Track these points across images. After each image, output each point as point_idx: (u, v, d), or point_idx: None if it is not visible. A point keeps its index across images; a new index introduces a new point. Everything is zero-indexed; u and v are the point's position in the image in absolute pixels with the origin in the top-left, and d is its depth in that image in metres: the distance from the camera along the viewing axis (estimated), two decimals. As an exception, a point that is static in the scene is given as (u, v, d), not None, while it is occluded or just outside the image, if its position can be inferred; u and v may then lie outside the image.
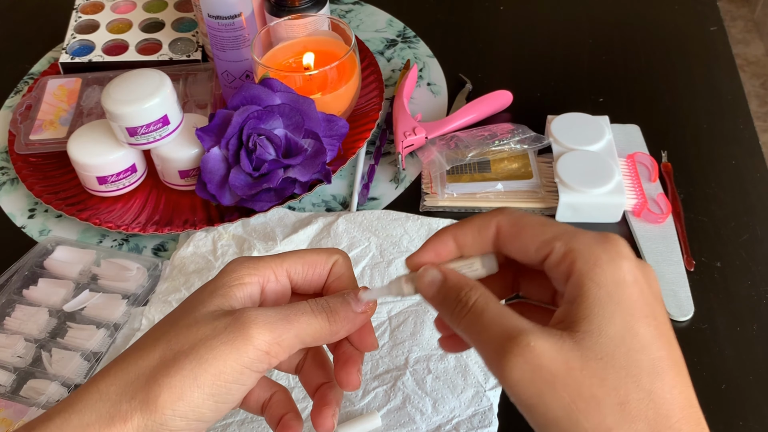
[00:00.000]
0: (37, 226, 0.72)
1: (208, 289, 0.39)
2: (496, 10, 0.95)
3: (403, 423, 0.55)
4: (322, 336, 0.39)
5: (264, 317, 0.37)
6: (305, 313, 0.38)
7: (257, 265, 0.40)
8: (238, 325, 0.36)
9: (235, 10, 0.72)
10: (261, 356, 0.36)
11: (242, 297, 0.39)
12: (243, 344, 0.36)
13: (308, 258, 0.42)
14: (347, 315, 0.39)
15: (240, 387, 0.36)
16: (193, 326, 0.37)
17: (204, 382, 0.35)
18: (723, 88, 0.82)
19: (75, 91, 0.81)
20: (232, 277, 0.39)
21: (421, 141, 0.74)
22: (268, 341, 0.36)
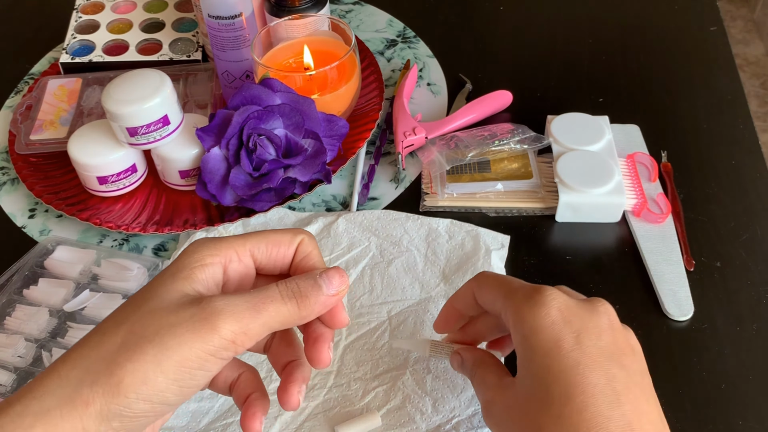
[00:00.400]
0: (38, 226, 0.72)
1: (170, 272, 0.39)
2: (496, 10, 0.96)
3: (403, 423, 0.55)
4: (291, 322, 0.38)
5: (231, 308, 0.36)
6: (274, 300, 0.37)
7: (219, 246, 0.40)
8: (204, 315, 0.36)
9: (235, 11, 0.72)
10: (227, 345, 0.36)
11: (204, 278, 0.38)
12: (208, 333, 0.35)
13: (272, 237, 0.41)
14: (318, 299, 0.39)
15: (205, 373, 0.36)
16: (156, 312, 0.36)
17: (168, 368, 0.35)
18: (723, 88, 0.82)
19: (75, 91, 0.81)
20: (194, 258, 0.39)
21: (421, 141, 0.74)
22: (235, 331, 0.36)
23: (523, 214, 0.70)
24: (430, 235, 0.67)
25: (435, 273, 0.64)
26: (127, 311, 0.37)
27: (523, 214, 0.70)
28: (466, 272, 0.64)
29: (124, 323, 0.36)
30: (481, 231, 0.67)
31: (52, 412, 0.34)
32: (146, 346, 0.35)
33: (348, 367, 0.59)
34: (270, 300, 0.37)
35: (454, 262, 0.65)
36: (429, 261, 0.65)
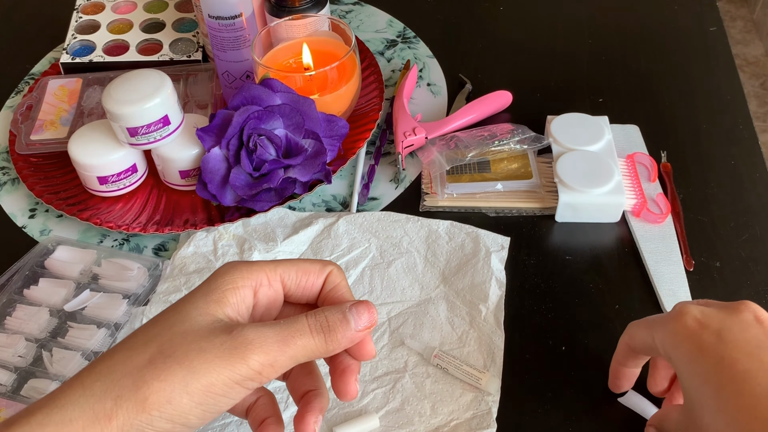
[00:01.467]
0: (38, 225, 0.73)
1: (202, 292, 0.39)
2: (496, 10, 0.96)
3: (402, 424, 0.55)
4: (318, 355, 0.39)
5: (261, 339, 0.37)
6: (303, 334, 0.38)
7: (251, 269, 0.40)
8: (234, 344, 0.36)
9: (235, 11, 0.72)
10: (253, 375, 0.36)
11: (236, 302, 0.39)
12: (237, 363, 0.36)
13: (302, 266, 0.42)
14: (346, 334, 0.39)
15: (228, 400, 0.37)
16: (187, 334, 0.37)
17: (194, 391, 0.35)
18: (722, 88, 0.82)
19: (76, 92, 0.81)
20: (226, 280, 0.39)
21: (421, 141, 0.74)
22: (263, 363, 0.36)
23: (523, 214, 0.70)
24: (430, 236, 0.67)
25: (435, 274, 0.64)
26: (157, 329, 0.38)
27: (523, 214, 0.70)
28: (465, 274, 0.64)
29: (153, 341, 0.37)
30: (481, 233, 0.67)
31: (74, 423, 0.34)
32: (175, 367, 0.35)
33: (348, 367, 0.59)
34: (299, 333, 0.38)
35: (454, 264, 0.65)
36: (429, 262, 0.65)
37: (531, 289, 0.64)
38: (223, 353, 0.36)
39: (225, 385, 0.36)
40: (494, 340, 0.59)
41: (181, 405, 0.35)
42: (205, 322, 0.37)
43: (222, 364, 0.36)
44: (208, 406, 0.36)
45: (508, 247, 0.66)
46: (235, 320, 0.39)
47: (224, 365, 0.36)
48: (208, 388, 0.35)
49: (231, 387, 0.36)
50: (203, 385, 0.35)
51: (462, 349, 0.59)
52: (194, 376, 0.35)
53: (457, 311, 0.61)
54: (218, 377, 0.35)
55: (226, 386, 0.36)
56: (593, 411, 0.56)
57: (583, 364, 0.59)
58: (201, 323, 0.37)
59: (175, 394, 0.35)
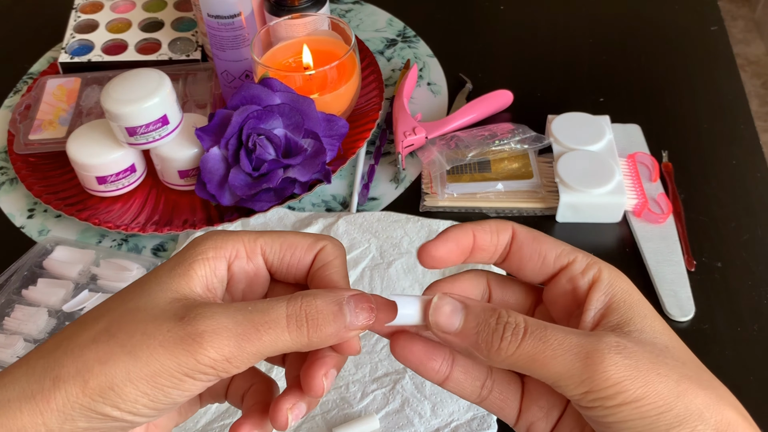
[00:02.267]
0: (37, 226, 0.72)
1: (168, 265, 0.34)
2: (496, 10, 0.95)
3: (402, 426, 0.55)
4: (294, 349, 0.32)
5: (213, 331, 0.31)
6: (275, 326, 0.31)
7: (226, 238, 0.35)
8: (182, 334, 0.31)
9: (234, 10, 0.72)
10: (205, 369, 0.31)
11: (204, 275, 0.34)
12: (182, 355, 0.31)
13: (288, 238, 0.36)
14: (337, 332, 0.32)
15: (182, 392, 0.32)
16: (139, 311, 0.32)
17: (137, 380, 0.31)
18: (723, 87, 0.82)
19: (74, 91, 0.81)
20: (196, 251, 0.34)
21: (421, 141, 0.74)
22: (215, 358, 0.31)
23: (524, 214, 0.70)
24: (430, 236, 0.67)
25: (435, 275, 0.64)
26: (112, 304, 0.33)
27: (524, 214, 0.70)
28: (466, 273, 0.63)
29: (103, 317, 0.33)
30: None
31: (11, 403, 0.31)
32: (117, 349, 0.31)
33: (346, 369, 0.58)
34: (269, 326, 0.31)
35: (454, 263, 0.65)
36: (429, 261, 0.65)
37: (531, 290, 0.64)
38: (168, 342, 0.31)
39: (172, 376, 0.31)
40: (494, 341, 0.59)
41: (125, 392, 0.31)
42: (162, 300, 0.32)
43: (165, 354, 0.30)
44: (156, 396, 0.31)
45: (508, 248, 0.66)
46: (204, 297, 0.34)
47: (168, 355, 0.30)
48: (152, 377, 0.31)
49: (180, 379, 0.31)
50: (146, 374, 0.31)
51: (462, 350, 0.59)
52: (136, 363, 0.31)
53: (458, 312, 0.61)
54: (162, 367, 0.30)
55: (173, 378, 0.31)
56: (594, 412, 0.56)
57: (584, 364, 0.58)
58: (157, 300, 0.32)
59: (117, 380, 0.31)
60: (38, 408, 0.31)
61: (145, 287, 0.33)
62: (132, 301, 0.33)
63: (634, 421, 0.30)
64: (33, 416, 0.31)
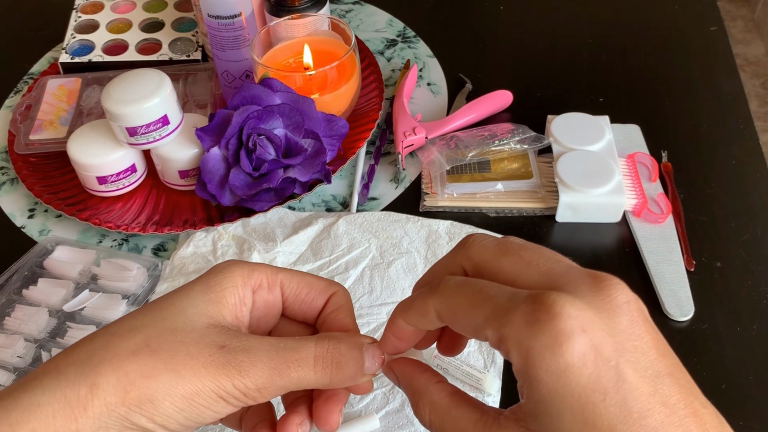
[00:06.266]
0: (37, 226, 0.72)
1: (200, 288, 0.36)
2: (496, 10, 0.95)
3: (402, 425, 0.55)
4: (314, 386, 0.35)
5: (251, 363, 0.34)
6: (304, 365, 0.34)
7: (252, 269, 0.38)
8: (223, 361, 0.34)
9: (235, 10, 0.72)
10: (238, 395, 0.34)
11: (234, 303, 0.36)
12: (223, 379, 0.33)
13: (305, 278, 0.39)
14: (355, 375, 0.35)
15: (212, 413, 0.34)
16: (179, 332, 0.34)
17: (177, 396, 0.33)
18: (723, 88, 0.82)
19: (75, 91, 0.81)
20: (226, 278, 0.37)
21: (421, 141, 0.74)
22: (249, 387, 0.34)
23: (523, 214, 0.70)
24: (430, 236, 0.67)
25: (435, 273, 0.64)
26: (147, 320, 0.35)
27: (523, 214, 0.70)
28: (466, 273, 0.63)
29: (140, 331, 0.34)
30: (481, 232, 0.67)
31: (42, 408, 0.31)
32: (160, 366, 0.33)
33: (348, 367, 0.58)
34: (298, 364, 0.34)
35: (454, 263, 0.65)
36: (429, 263, 0.65)
37: (531, 290, 0.64)
38: (211, 365, 0.33)
39: (209, 397, 0.33)
40: (494, 341, 0.59)
41: (163, 406, 0.33)
42: (199, 324, 0.35)
43: (208, 376, 0.33)
44: (190, 414, 0.33)
45: (508, 247, 0.66)
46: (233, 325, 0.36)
47: (210, 377, 0.33)
48: (192, 396, 0.33)
49: (215, 400, 0.33)
50: (188, 392, 0.33)
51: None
52: (180, 381, 0.33)
53: (458, 311, 0.61)
54: (203, 387, 0.33)
55: (209, 399, 0.33)
56: None
57: (584, 364, 0.58)
58: (195, 323, 0.35)
59: (159, 394, 0.32)
60: (74, 414, 0.32)
61: (179, 307, 0.35)
62: (168, 320, 0.35)
63: None
64: (67, 422, 0.32)
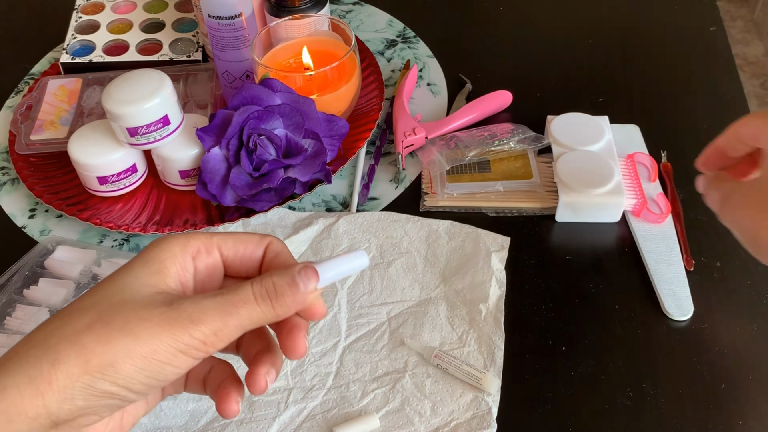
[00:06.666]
0: (38, 226, 0.73)
1: (140, 263, 0.38)
2: (496, 10, 0.96)
3: (402, 425, 0.55)
4: (266, 321, 0.38)
5: (200, 311, 0.36)
6: (247, 302, 0.37)
7: (188, 237, 0.40)
8: (174, 315, 0.35)
9: (235, 11, 0.72)
10: (197, 345, 0.36)
11: (176, 272, 0.38)
12: (179, 332, 0.35)
13: (239, 236, 0.42)
14: (296, 297, 0.38)
15: (174, 369, 0.36)
16: (127, 303, 0.36)
17: (137, 357, 0.35)
18: (722, 88, 0.82)
19: (75, 92, 0.81)
20: (163, 249, 0.39)
21: (421, 141, 0.74)
22: (205, 333, 0.36)
23: (523, 214, 0.70)
24: (430, 236, 0.67)
25: (435, 274, 0.64)
26: (95, 299, 0.37)
27: (523, 214, 0.70)
28: (465, 274, 0.64)
29: (90, 309, 0.36)
30: (481, 233, 0.67)
31: (9, 390, 0.33)
32: (116, 333, 0.35)
33: (347, 368, 0.59)
34: (242, 302, 0.37)
35: (454, 264, 0.65)
36: (429, 262, 0.65)
37: (531, 289, 0.64)
38: (164, 322, 0.35)
39: (168, 352, 0.35)
40: (494, 340, 0.59)
41: (124, 368, 0.34)
42: (145, 293, 0.37)
43: (164, 333, 0.35)
44: (152, 372, 0.35)
45: (508, 247, 0.66)
46: (178, 291, 0.38)
47: (166, 333, 0.35)
48: (151, 354, 0.35)
49: (175, 355, 0.35)
50: (146, 351, 0.35)
51: (462, 349, 0.59)
52: (137, 342, 0.35)
53: (457, 311, 0.61)
54: (161, 344, 0.35)
55: (169, 354, 0.35)
56: (593, 411, 0.56)
57: (583, 364, 0.59)
58: (141, 293, 0.37)
59: (119, 358, 0.34)
60: (39, 390, 0.33)
61: (122, 283, 0.37)
62: (116, 295, 0.37)
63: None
64: (33, 398, 0.34)
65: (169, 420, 0.56)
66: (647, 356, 0.59)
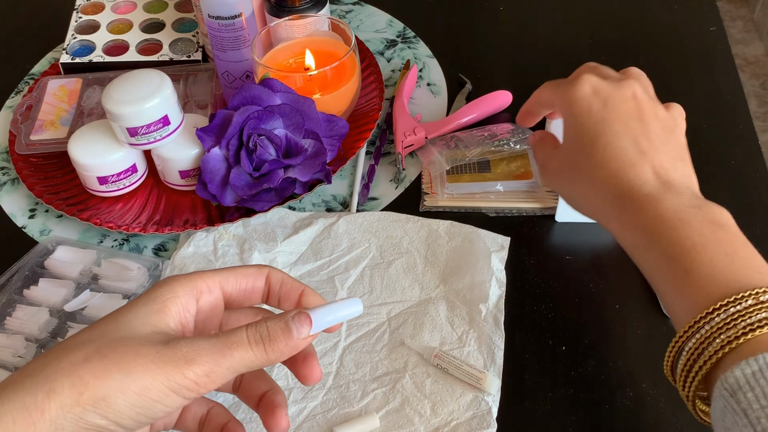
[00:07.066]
0: (38, 226, 0.73)
1: (142, 302, 0.39)
2: (496, 10, 0.96)
3: (402, 425, 0.55)
4: (259, 365, 0.39)
5: (195, 351, 0.37)
6: (241, 345, 0.38)
7: (190, 278, 0.41)
8: (170, 354, 0.36)
9: (235, 11, 0.72)
10: (190, 385, 0.37)
11: (177, 312, 0.39)
12: (173, 371, 0.36)
13: (239, 270, 0.43)
14: (288, 343, 0.39)
15: (164, 407, 0.37)
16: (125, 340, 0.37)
17: (130, 392, 0.35)
18: (722, 88, 0.82)
19: (75, 92, 0.81)
20: (166, 290, 0.40)
21: (421, 141, 0.74)
22: (198, 374, 0.37)
23: (523, 214, 0.70)
24: (430, 236, 0.67)
25: (435, 274, 0.64)
26: (94, 334, 0.38)
27: (523, 214, 0.70)
28: (465, 274, 0.64)
29: (89, 344, 0.37)
30: (481, 233, 0.67)
31: (3, 416, 0.34)
32: (112, 367, 0.36)
33: (347, 368, 0.59)
34: (236, 345, 0.38)
35: (454, 264, 0.65)
36: (429, 262, 0.65)
37: (531, 289, 0.64)
38: (158, 360, 0.36)
39: (160, 391, 0.36)
40: (494, 340, 0.59)
41: (116, 403, 0.35)
42: (144, 332, 0.38)
43: (158, 371, 0.36)
44: (143, 409, 0.36)
45: (508, 247, 0.66)
46: (177, 331, 0.39)
47: (160, 372, 0.36)
48: (143, 391, 0.36)
49: (166, 394, 0.36)
50: (139, 388, 0.36)
51: (462, 349, 0.59)
52: (130, 377, 0.35)
53: (457, 311, 0.61)
54: (154, 382, 0.36)
55: (161, 393, 0.36)
56: (593, 411, 0.56)
57: (583, 364, 0.59)
58: (140, 332, 0.38)
59: (111, 392, 0.35)
60: (32, 418, 0.34)
61: (123, 321, 0.38)
62: (114, 332, 0.38)
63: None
64: (25, 427, 0.34)
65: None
66: (647, 356, 0.59)
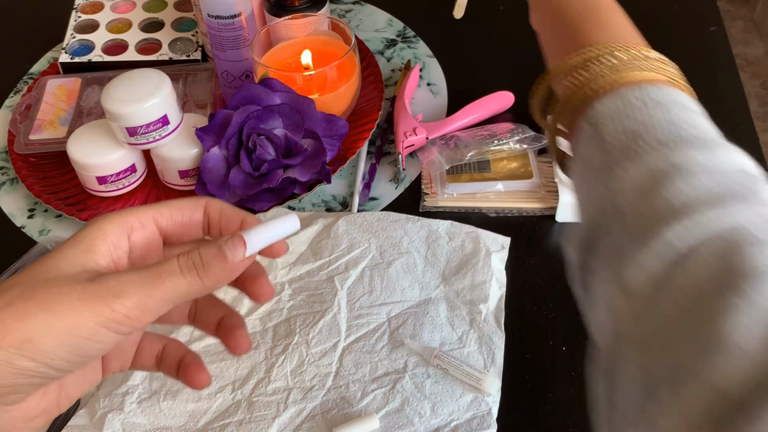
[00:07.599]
0: (37, 225, 0.72)
1: (70, 243, 0.38)
2: (496, 10, 0.95)
3: (402, 425, 0.55)
4: (196, 293, 0.37)
5: (122, 285, 0.35)
6: (172, 273, 0.36)
7: (120, 214, 0.39)
8: (95, 290, 0.35)
9: (234, 10, 0.72)
10: (120, 319, 0.35)
11: (107, 250, 0.38)
12: (100, 306, 0.34)
13: (174, 203, 0.41)
14: (224, 267, 0.37)
15: (99, 344, 0.35)
16: (49, 281, 0.36)
17: (57, 332, 0.34)
18: (723, 88, 0.82)
19: (75, 91, 0.81)
20: (93, 228, 0.38)
21: (421, 141, 0.74)
22: (128, 306, 0.35)
23: (523, 214, 0.70)
24: (430, 236, 0.67)
25: (435, 274, 0.64)
26: (21, 278, 0.36)
27: (523, 214, 0.70)
28: (465, 274, 0.63)
29: (14, 288, 0.36)
30: (482, 233, 0.67)
31: None
32: (34, 308, 0.34)
33: (347, 368, 0.58)
34: (167, 274, 0.36)
35: (454, 264, 0.65)
36: (429, 262, 0.65)
37: (531, 289, 0.64)
38: (84, 296, 0.35)
39: (89, 327, 0.35)
40: (494, 341, 0.59)
41: (42, 344, 0.34)
42: (71, 271, 0.36)
43: (83, 307, 0.34)
44: (73, 347, 0.35)
45: (508, 248, 0.66)
46: (111, 270, 0.37)
47: (86, 308, 0.34)
48: (71, 329, 0.34)
49: (96, 330, 0.35)
50: (66, 326, 0.34)
51: (462, 350, 0.59)
52: (55, 316, 0.34)
53: (457, 311, 0.61)
54: (81, 319, 0.34)
55: (90, 329, 0.35)
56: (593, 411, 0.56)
57: (583, 364, 0.59)
58: (67, 271, 0.36)
59: (36, 333, 0.34)
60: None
61: (51, 263, 0.37)
62: (41, 274, 0.36)
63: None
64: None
65: (168, 420, 0.56)
66: (647, 357, 0.59)
